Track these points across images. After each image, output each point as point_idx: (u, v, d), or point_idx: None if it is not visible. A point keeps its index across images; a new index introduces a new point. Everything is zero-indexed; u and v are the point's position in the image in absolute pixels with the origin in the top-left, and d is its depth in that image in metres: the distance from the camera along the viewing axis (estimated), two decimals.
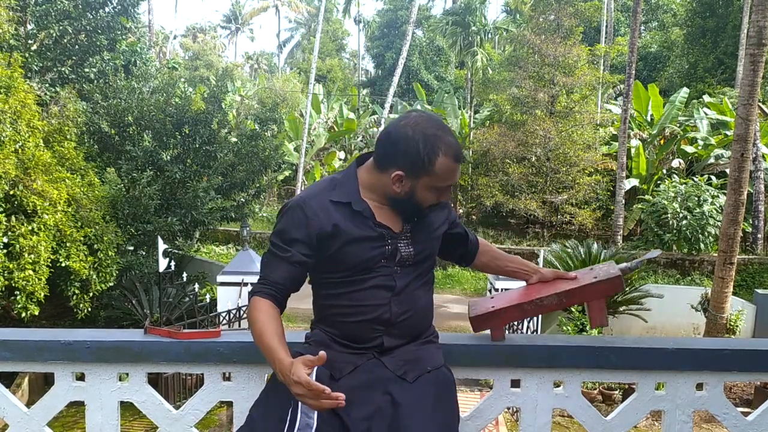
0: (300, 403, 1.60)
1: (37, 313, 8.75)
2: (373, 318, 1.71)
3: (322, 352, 1.50)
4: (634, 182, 20.62)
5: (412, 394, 1.67)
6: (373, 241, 1.70)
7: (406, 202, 1.71)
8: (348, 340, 1.73)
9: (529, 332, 10.87)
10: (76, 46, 13.75)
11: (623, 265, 1.96)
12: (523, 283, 2.07)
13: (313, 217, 1.67)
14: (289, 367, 1.49)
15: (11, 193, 8.82)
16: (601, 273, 1.94)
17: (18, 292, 8.52)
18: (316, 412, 1.59)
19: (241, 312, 10.23)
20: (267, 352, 1.59)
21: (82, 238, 9.60)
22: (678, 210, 17.17)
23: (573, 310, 10.74)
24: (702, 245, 17.28)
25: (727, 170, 12.29)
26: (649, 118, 22.39)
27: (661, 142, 21.65)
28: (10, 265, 8.42)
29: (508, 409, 7.81)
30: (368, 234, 1.70)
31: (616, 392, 9.93)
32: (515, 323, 9.71)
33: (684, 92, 21.54)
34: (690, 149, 21.00)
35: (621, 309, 11.94)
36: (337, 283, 1.73)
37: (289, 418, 1.59)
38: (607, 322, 1.94)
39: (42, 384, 9.58)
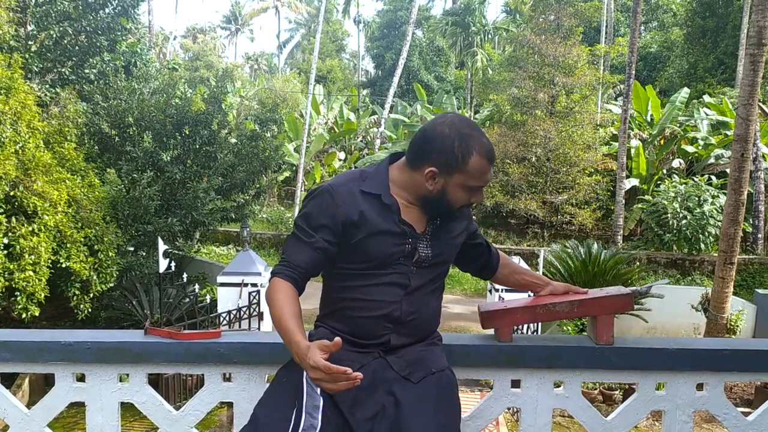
0: (304, 404, 1.60)
1: (37, 313, 8.75)
2: (383, 314, 1.71)
3: (337, 338, 1.51)
4: (634, 182, 20.62)
5: (414, 395, 1.67)
6: (395, 236, 1.71)
7: (438, 201, 1.72)
8: (355, 336, 1.73)
9: (529, 332, 10.87)
10: (76, 47, 13.76)
11: (634, 288, 2.02)
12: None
13: (341, 204, 1.69)
14: (306, 351, 1.50)
15: (12, 194, 8.83)
16: (613, 291, 2.00)
17: (18, 293, 8.52)
18: (320, 411, 1.59)
19: (242, 313, 10.23)
20: (284, 334, 1.60)
21: (82, 239, 9.60)
22: (678, 210, 17.18)
23: None
24: (702, 245, 17.28)
25: (728, 170, 12.28)
26: (649, 118, 22.39)
27: (662, 142, 21.66)
28: (11, 266, 8.42)
29: (509, 409, 7.81)
30: (391, 229, 1.71)
31: (617, 392, 9.93)
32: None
33: (684, 92, 21.54)
34: (690, 149, 21.00)
35: None
36: (353, 275, 1.74)
37: (293, 418, 1.59)
38: (612, 340, 1.96)
39: (42, 385, 9.58)
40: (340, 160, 27.10)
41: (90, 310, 9.96)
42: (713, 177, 18.91)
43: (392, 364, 1.72)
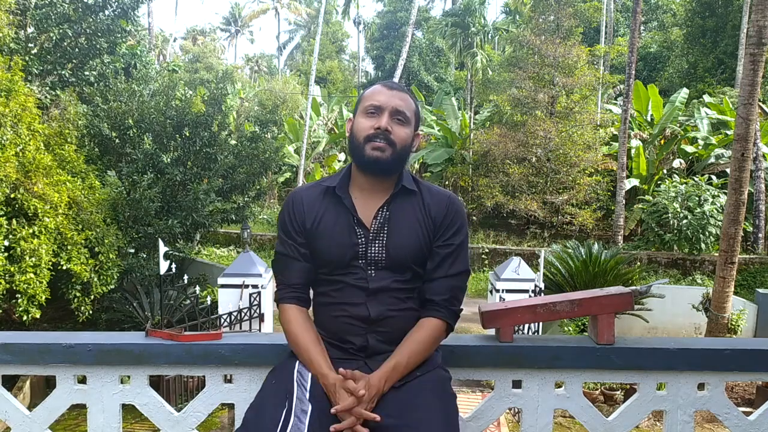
0: (294, 407, 1.60)
1: (38, 316, 8.76)
2: (353, 315, 1.72)
3: (359, 384, 1.62)
4: (634, 182, 20.62)
5: (400, 399, 1.65)
6: (347, 237, 1.74)
7: (351, 141, 1.76)
8: (336, 339, 1.75)
9: (530, 333, 10.87)
10: (76, 49, 13.77)
11: (634, 287, 2.02)
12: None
13: (299, 208, 1.78)
14: (334, 385, 1.63)
15: (12, 196, 8.84)
16: (613, 290, 2.01)
17: (19, 295, 8.53)
18: (308, 416, 1.59)
19: (242, 314, 10.22)
20: (309, 365, 1.69)
21: (83, 241, 9.61)
22: (678, 210, 17.17)
23: None
24: (703, 245, 17.27)
25: (728, 170, 12.28)
26: (649, 118, 22.39)
27: (662, 142, 21.65)
28: (12, 269, 8.43)
29: (510, 409, 7.81)
30: (344, 230, 1.74)
31: (618, 393, 9.92)
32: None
33: (684, 92, 21.54)
34: (690, 149, 21.00)
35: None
36: (323, 280, 1.78)
37: (282, 420, 1.59)
38: (613, 340, 1.96)
39: (44, 387, 9.59)
40: (339, 161, 27.11)
41: (91, 312, 9.97)
42: (713, 177, 18.91)
43: (374, 369, 1.69)
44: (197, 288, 11.88)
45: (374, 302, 1.72)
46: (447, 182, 24.85)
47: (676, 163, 20.68)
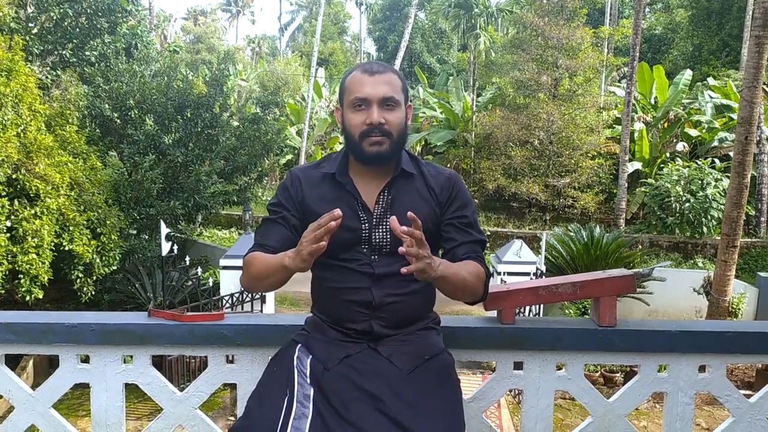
0: (296, 393, 1.59)
1: (41, 296, 8.79)
2: (356, 300, 1.68)
3: (337, 211, 1.47)
4: (637, 166, 20.56)
5: (407, 384, 1.61)
6: (349, 220, 1.66)
7: (346, 136, 1.73)
8: (338, 324, 1.71)
9: (531, 315, 10.90)
10: (77, 29, 13.69)
11: (636, 270, 2.03)
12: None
13: (296, 184, 1.76)
14: (298, 248, 1.51)
15: (14, 177, 8.84)
16: (615, 273, 2.01)
17: (22, 276, 8.56)
18: (311, 403, 1.57)
19: (244, 295, 10.25)
20: (276, 266, 1.61)
21: (85, 222, 9.63)
22: (681, 193, 17.14)
23: None
24: (705, 229, 17.26)
25: (731, 153, 12.23)
26: (653, 101, 22.27)
27: (665, 125, 21.55)
28: (14, 249, 8.46)
29: (510, 391, 7.85)
30: (346, 213, 1.62)
31: (618, 375, 9.96)
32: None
33: (688, 74, 21.38)
34: (694, 132, 20.91)
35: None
36: (324, 264, 1.71)
37: (284, 407, 1.57)
38: (615, 322, 1.97)
39: (47, 366, 9.66)
40: (341, 143, 27.00)
41: (93, 292, 10.01)
42: (717, 160, 18.85)
43: (382, 353, 1.67)
44: (199, 269, 11.93)
45: (379, 287, 1.68)
46: (449, 164, 24.78)
47: (680, 146, 20.60)
